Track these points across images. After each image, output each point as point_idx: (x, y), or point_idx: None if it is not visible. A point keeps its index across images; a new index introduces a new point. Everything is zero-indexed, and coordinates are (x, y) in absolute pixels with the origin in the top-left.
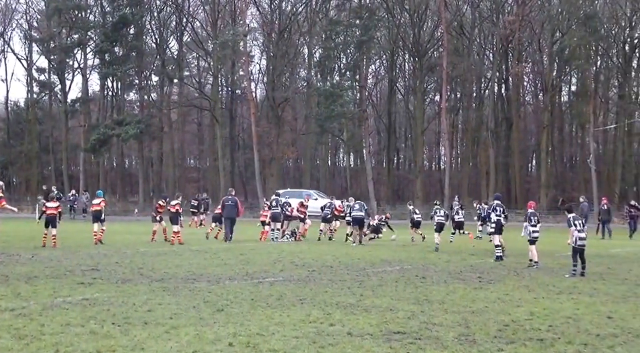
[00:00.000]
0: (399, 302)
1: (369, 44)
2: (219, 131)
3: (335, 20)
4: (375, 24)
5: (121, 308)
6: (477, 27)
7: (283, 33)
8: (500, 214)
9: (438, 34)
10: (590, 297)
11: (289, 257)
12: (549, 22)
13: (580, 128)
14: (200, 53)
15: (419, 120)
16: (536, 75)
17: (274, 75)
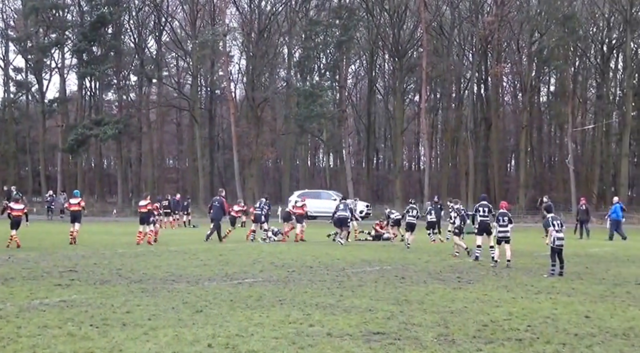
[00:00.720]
0: (378, 302)
1: (349, 44)
2: (198, 131)
3: (314, 20)
4: (354, 24)
5: (99, 309)
6: (456, 27)
7: (262, 33)
8: (486, 214)
9: (417, 34)
10: (568, 297)
11: (268, 257)
12: (527, 23)
13: (558, 128)
14: (179, 53)
15: (398, 120)
16: (515, 76)
17: (253, 75)
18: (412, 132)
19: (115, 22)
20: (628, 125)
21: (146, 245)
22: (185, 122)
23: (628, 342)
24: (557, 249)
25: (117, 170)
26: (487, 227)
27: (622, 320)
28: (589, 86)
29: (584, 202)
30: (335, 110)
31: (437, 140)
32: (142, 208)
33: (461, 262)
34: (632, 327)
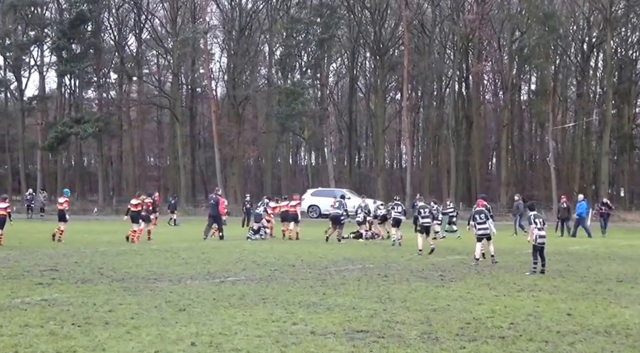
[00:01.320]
0: (361, 300)
1: (330, 42)
2: (179, 129)
3: (295, 18)
4: (335, 22)
5: (81, 308)
6: (437, 26)
7: (243, 30)
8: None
9: (398, 32)
10: (550, 294)
11: (250, 255)
12: (508, 21)
13: (539, 126)
14: (159, 50)
15: (380, 119)
16: (496, 74)
17: (234, 73)
18: (393, 130)
19: (95, 20)
20: (608, 123)
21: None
22: (166, 120)
23: (610, 339)
24: (539, 247)
25: (98, 168)
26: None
27: (603, 318)
28: (570, 84)
29: (565, 200)
30: (317, 108)
31: (418, 139)
32: (133, 207)
33: (444, 260)
34: (613, 325)
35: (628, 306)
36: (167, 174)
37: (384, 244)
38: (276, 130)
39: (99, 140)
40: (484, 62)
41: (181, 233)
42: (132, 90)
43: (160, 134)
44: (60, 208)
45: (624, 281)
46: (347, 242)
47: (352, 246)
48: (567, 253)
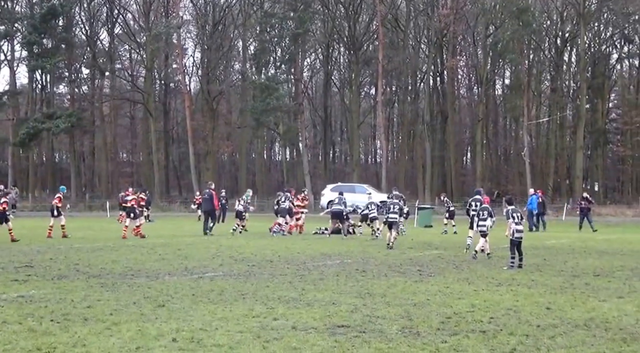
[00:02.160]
0: (340, 295)
1: (304, 37)
2: (153, 124)
3: (269, 13)
4: (310, 17)
5: (59, 304)
6: (411, 20)
7: (217, 25)
8: (475, 208)
9: (373, 27)
10: (529, 289)
11: (227, 251)
12: (482, 16)
13: (513, 121)
14: (132, 45)
15: (355, 114)
16: (470, 69)
17: (208, 68)
18: (368, 125)
19: (67, 14)
20: (582, 117)
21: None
22: (139, 116)
23: (589, 333)
24: (516, 241)
25: (70, 164)
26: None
27: (582, 311)
28: (543, 79)
29: (541, 195)
30: (291, 103)
31: (393, 134)
32: (129, 202)
33: (421, 255)
34: (592, 318)
35: (606, 300)
36: (141, 170)
37: (359, 239)
38: (251, 125)
39: (71, 135)
40: (459, 57)
41: (156, 229)
42: (105, 85)
43: (134, 129)
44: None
45: (601, 275)
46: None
47: (330, 242)
48: (543, 247)
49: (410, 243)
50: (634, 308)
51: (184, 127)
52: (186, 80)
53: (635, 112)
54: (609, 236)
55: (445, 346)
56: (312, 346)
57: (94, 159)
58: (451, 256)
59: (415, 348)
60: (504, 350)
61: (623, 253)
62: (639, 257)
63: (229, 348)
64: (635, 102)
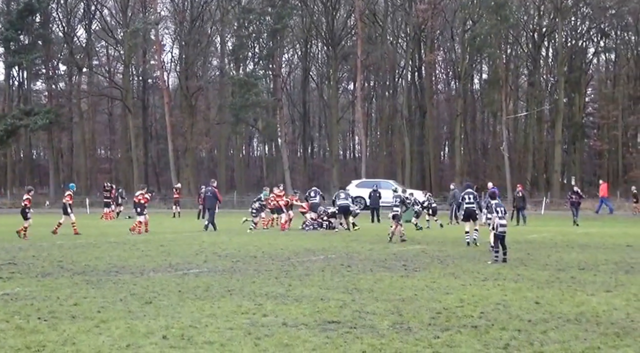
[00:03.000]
0: (328, 291)
1: (283, 32)
2: (132, 121)
3: (248, 8)
4: (288, 12)
5: (45, 302)
6: (389, 16)
7: (195, 21)
8: (472, 201)
9: (351, 22)
10: (516, 283)
11: (210, 247)
12: (460, 10)
13: (491, 115)
14: (109, 41)
15: (334, 109)
16: (448, 63)
17: (186, 64)
18: (347, 120)
19: (43, 11)
20: (560, 112)
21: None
22: (118, 112)
23: (581, 327)
24: (500, 235)
25: (49, 161)
26: (473, 214)
27: (571, 306)
28: (521, 73)
29: (521, 189)
30: (270, 99)
31: (371, 129)
32: (135, 198)
33: (405, 249)
34: (582, 312)
35: (594, 294)
36: (119, 166)
37: (342, 235)
38: (230, 121)
39: (50, 132)
40: (437, 52)
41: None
42: (82, 81)
43: (112, 125)
44: (63, 201)
45: (586, 269)
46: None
47: (312, 237)
48: (525, 241)
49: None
50: (623, 302)
51: (162, 123)
52: (165, 76)
53: (612, 106)
54: (588, 230)
55: (438, 342)
56: (303, 342)
57: (72, 156)
58: (435, 251)
59: (408, 344)
60: (497, 345)
61: (605, 247)
62: (621, 250)
63: (220, 345)
64: (611, 96)
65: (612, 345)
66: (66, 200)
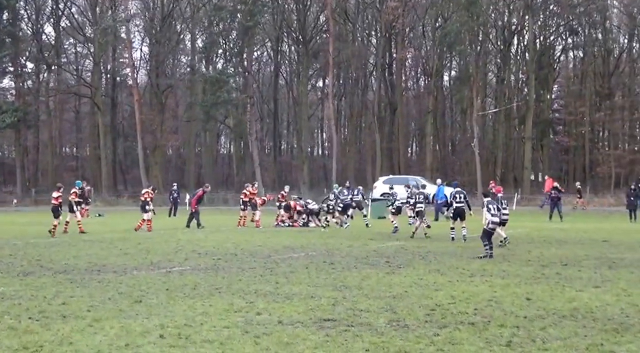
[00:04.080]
0: (316, 288)
1: (254, 30)
2: (101, 119)
3: (219, 5)
4: (260, 9)
5: (32, 301)
6: (360, 13)
7: (165, 19)
8: (462, 200)
9: (322, 20)
10: (503, 279)
11: (188, 245)
12: (431, 8)
13: (462, 112)
14: (78, 39)
15: (304, 106)
16: (419, 61)
17: (156, 62)
18: (317, 117)
19: (12, 8)
20: (531, 108)
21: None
22: (85, 110)
23: (578, 323)
24: (490, 232)
25: (16, 159)
26: (462, 213)
27: (563, 302)
28: (491, 71)
29: (493, 185)
30: (241, 96)
31: (342, 126)
32: (142, 196)
33: (384, 246)
34: (576, 308)
35: (583, 289)
36: (87, 164)
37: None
38: (201, 118)
39: (17, 130)
40: (408, 49)
41: (108, 223)
42: (50, 79)
43: (78, 123)
44: (69, 199)
45: (569, 265)
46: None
47: (288, 235)
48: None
49: (370, 235)
50: (613, 298)
51: (129, 121)
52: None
53: (579, 102)
54: (561, 225)
55: (439, 339)
56: (303, 341)
57: (38, 154)
58: (415, 247)
59: (409, 341)
60: (499, 342)
61: (582, 243)
62: (598, 246)
63: (220, 344)
64: (579, 93)
65: (614, 342)
66: (72, 197)
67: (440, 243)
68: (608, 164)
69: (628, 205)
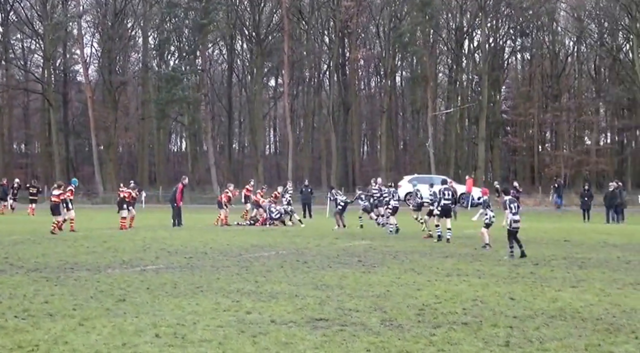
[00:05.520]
0: (297, 287)
1: (209, 27)
2: (53, 115)
3: (173, 2)
4: (214, 7)
5: (13, 300)
6: (315, 12)
7: (118, 15)
8: (449, 198)
9: (276, 18)
10: (480, 279)
11: (154, 243)
12: (386, 8)
13: (416, 112)
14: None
15: (258, 105)
16: (374, 60)
17: (109, 58)
18: (271, 116)
19: None
20: (484, 109)
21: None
22: (34, 106)
23: (568, 323)
24: (514, 231)
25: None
26: (449, 211)
27: (547, 301)
28: (440, 72)
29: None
30: (196, 94)
31: (296, 125)
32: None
33: (352, 245)
34: (562, 308)
35: (561, 289)
36: (38, 162)
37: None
38: (155, 116)
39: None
40: (362, 49)
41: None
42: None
43: (27, 120)
44: (63, 197)
45: (540, 264)
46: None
47: (253, 233)
48: (465, 237)
49: (334, 234)
50: (594, 298)
51: (79, 118)
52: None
53: (528, 104)
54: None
55: (437, 339)
56: (301, 340)
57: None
58: (382, 246)
59: (407, 341)
60: (497, 342)
61: (545, 243)
62: (561, 245)
63: (219, 343)
64: (527, 95)
65: (610, 342)
66: (67, 195)
67: (408, 243)
68: (557, 165)
69: (582, 205)
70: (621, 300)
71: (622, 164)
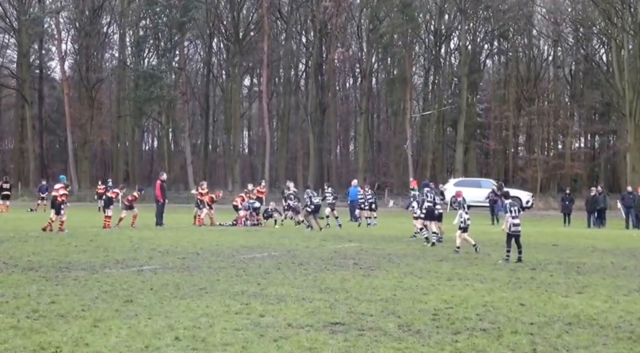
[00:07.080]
0: (301, 290)
1: (188, 26)
2: (29, 111)
3: (152, 0)
4: (194, 5)
5: (19, 300)
6: (294, 12)
7: (97, 11)
8: (432, 200)
9: (255, 17)
10: (482, 284)
11: (143, 243)
12: (366, 8)
13: (394, 114)
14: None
15: (236, 104)
16: (353, 61)
17: (86, 55)
18: (249, 115)
19: None
20: (463, 111)
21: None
22: (5, 102)
23: (589, 331)
24: (514, 235)
25: None
26: (433, 212)
27: (558, 308)
28: (419, 73)
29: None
30: (174, 92)
31: (274, 125)
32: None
33: (342, 247)
34: (576, 315)
35: (568, 295)
36: (11, 158)
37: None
38: (132, 114)
39: None
40: (342, 49)
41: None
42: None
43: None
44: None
45: (537, 269)
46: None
47: (238, 234)
48: (450, 240)
49: (321, 235)
50: (604, 304)
51: (53, 115)
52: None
53: (504, 107)
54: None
55: (461, 346)
56: (325, 345)
57: None
58: (372, 249)
59: (431, 347)
60: (524, 350)
61: (534, 247)
62: (551, 250)
63: (242, 348)
64: (503, 98)
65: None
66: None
67: (396, 245)
68: (533, 168)
69: (563, 209)
70: (632, 307)
71: (594, 169)
